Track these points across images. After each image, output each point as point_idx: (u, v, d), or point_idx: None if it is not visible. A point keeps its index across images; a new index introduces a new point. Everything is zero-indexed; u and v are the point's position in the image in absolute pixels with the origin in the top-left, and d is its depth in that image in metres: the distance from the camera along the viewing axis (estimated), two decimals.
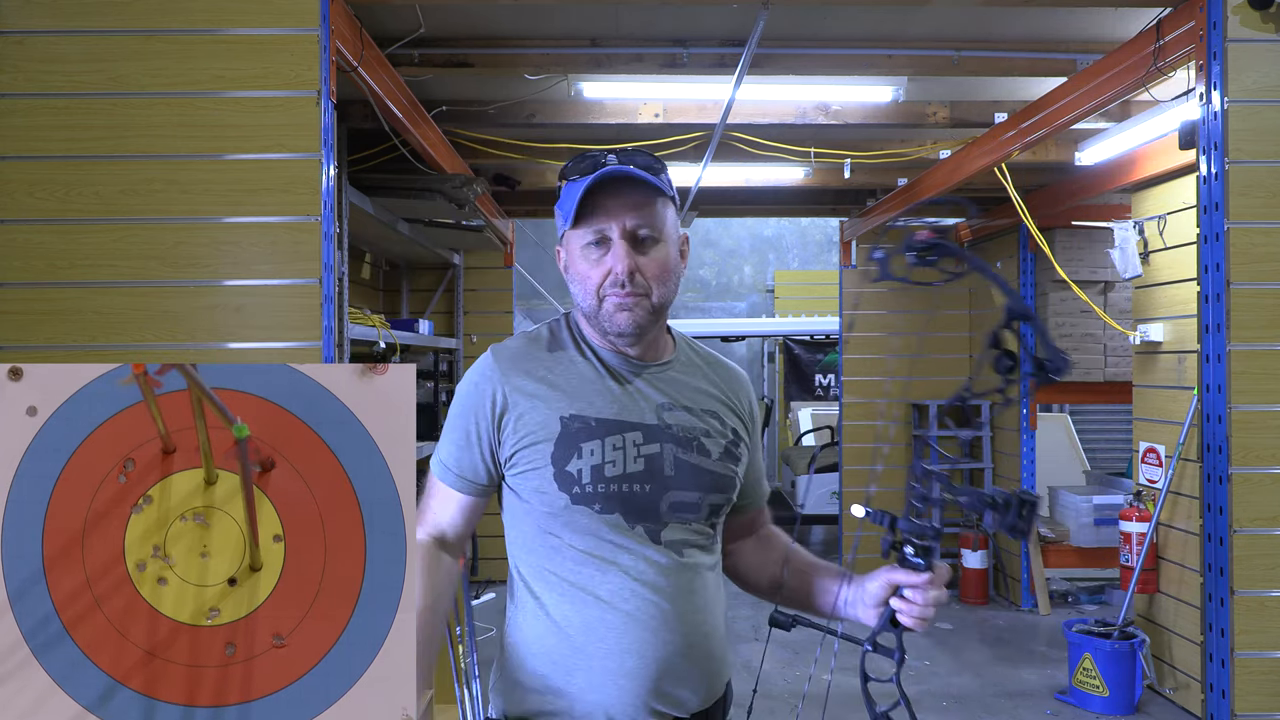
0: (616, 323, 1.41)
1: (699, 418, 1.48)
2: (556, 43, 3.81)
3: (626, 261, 1.39)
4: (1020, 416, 6.29)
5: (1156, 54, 3.06)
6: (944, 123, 4.58)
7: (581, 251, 1.42)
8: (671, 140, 4.76)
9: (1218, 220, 2.84)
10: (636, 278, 1.40)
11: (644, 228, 1.41)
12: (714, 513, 1.48)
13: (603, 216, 1.40)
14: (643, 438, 1.42)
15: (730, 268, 11.78)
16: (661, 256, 1.42)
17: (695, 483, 1.44)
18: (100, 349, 2.65)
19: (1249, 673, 2.82)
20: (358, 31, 3.05)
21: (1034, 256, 6.18)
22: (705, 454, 1.46)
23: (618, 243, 1.39)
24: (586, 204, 1.39)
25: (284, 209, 2.69)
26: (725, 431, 1.50)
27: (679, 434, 1.45)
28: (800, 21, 3.65)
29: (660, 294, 1.42)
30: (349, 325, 3.90)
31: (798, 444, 9.36)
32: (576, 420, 1.41)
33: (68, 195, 2.67)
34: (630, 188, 1.40)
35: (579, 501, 1.38)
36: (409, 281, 6.69)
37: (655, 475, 1.41)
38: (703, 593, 1.43)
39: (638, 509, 1.40)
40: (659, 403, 1.46)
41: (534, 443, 1.41)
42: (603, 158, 1.42)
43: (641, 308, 1.41)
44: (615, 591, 1.37)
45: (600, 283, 1.41)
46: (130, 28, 2.70)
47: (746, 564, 1.63)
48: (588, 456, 1.39)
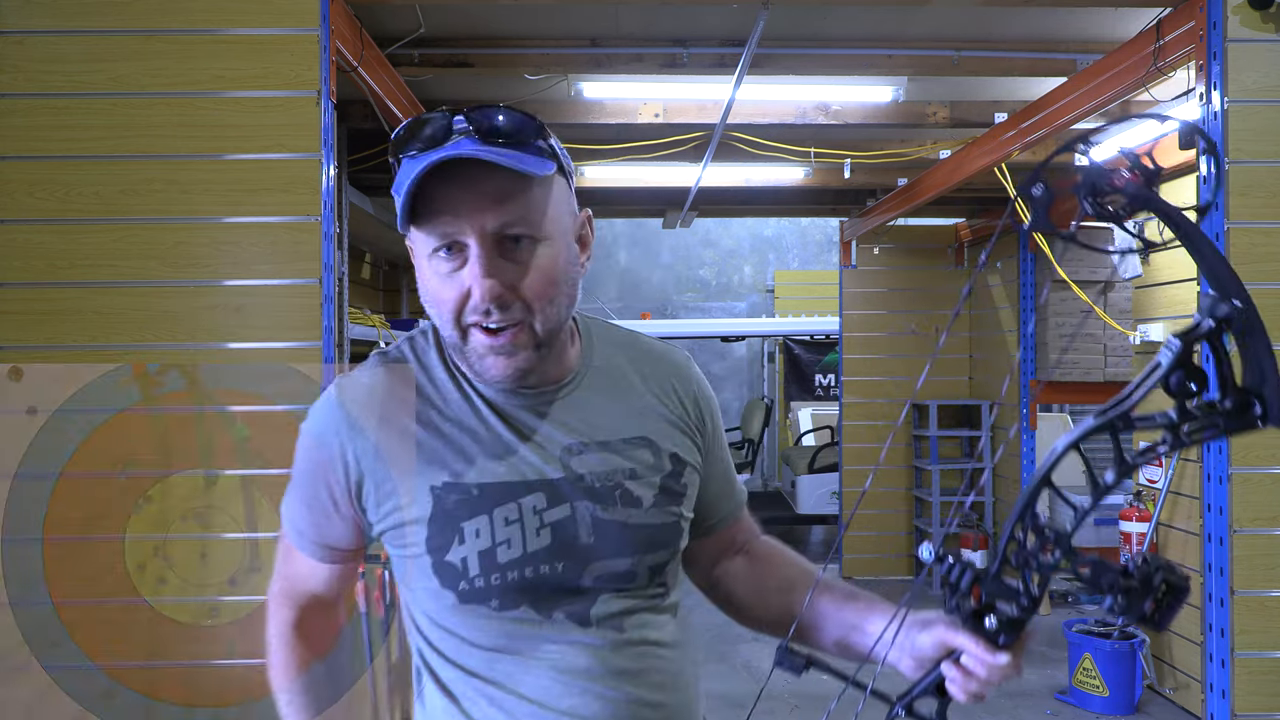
0: (489, 369, 1.03)
1: (620, 454, 1.10)
2: (556, 43, 3.81)
3: (487, 282, 0.98)
4: (1020, 416, 6.29)
5: (1156, 54, 3.06)
6: (944, 123, 4.58)
7: (429, 261, 1.02)
8: (671, 140, 4.76)
9: (1217, 220, 2.84)
10: (508, 299, 1.00)
11: (515, 225, 1.00)
12: (657, 573, 1.12)
13: (450, 214, 0.99)
14: (545, 500, 1.06)
15: (730, 268, 11.78)
16: (545, 263, 1.02)
17: (624, 545, 1.08)
18: (100, 349, 2.65)
19: (1249, 673, 2.82)
20: (358, 31, 3.05)
21: (1034, 256, 6.18)
22: (634, 503, 1.09)
23: (475, 251, 0.99)
24: (424, 197, 0.99)
25: (284, 209, 2.68)
26: (661, 462, 1.12)
27: (594, 485, 1.08)
28: (800, 21, 3.65)
29: (545, 318, 1.02)
30: (349, 325, 3.90)
31: (798, 444, 9.36)
32: (452, 491, 1.05)
33: (68, 195, 2.67)
34: (489, 171, 0.98)
35: (468, 600, 1.04)
36: (409, 281, 6.68)
37: (569, 548, 1.06)
38: (660, 666, 1.10)
39: (549, 596, 1.06)
40: (564, 445, 1.08)
41: (400, 524, 1.06)
42: (448, 124, 1.00)
43: (520, 344, 1.02)
44: (545, 689, 1.05)
45: (458, 308, 1.01)
46: (130, 28, 2.70)
47: (742, 591, 1.27)
48: (472, 540, 1.03)
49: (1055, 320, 5.99)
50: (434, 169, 0.97)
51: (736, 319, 11.09)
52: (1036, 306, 6.16)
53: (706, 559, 1.28)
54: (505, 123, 1.00)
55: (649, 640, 1.10)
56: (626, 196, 6.52)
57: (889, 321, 7.10)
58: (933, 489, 6.72)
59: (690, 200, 6.30)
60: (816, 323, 9.30)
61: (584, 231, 1.11)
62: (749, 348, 11.64)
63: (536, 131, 1.02)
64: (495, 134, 0.99)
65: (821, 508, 7.98)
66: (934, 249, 7.18)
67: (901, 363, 7.07)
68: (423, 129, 1.00)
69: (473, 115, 1.00)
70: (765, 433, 9.65)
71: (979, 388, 7.00)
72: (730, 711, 4.26)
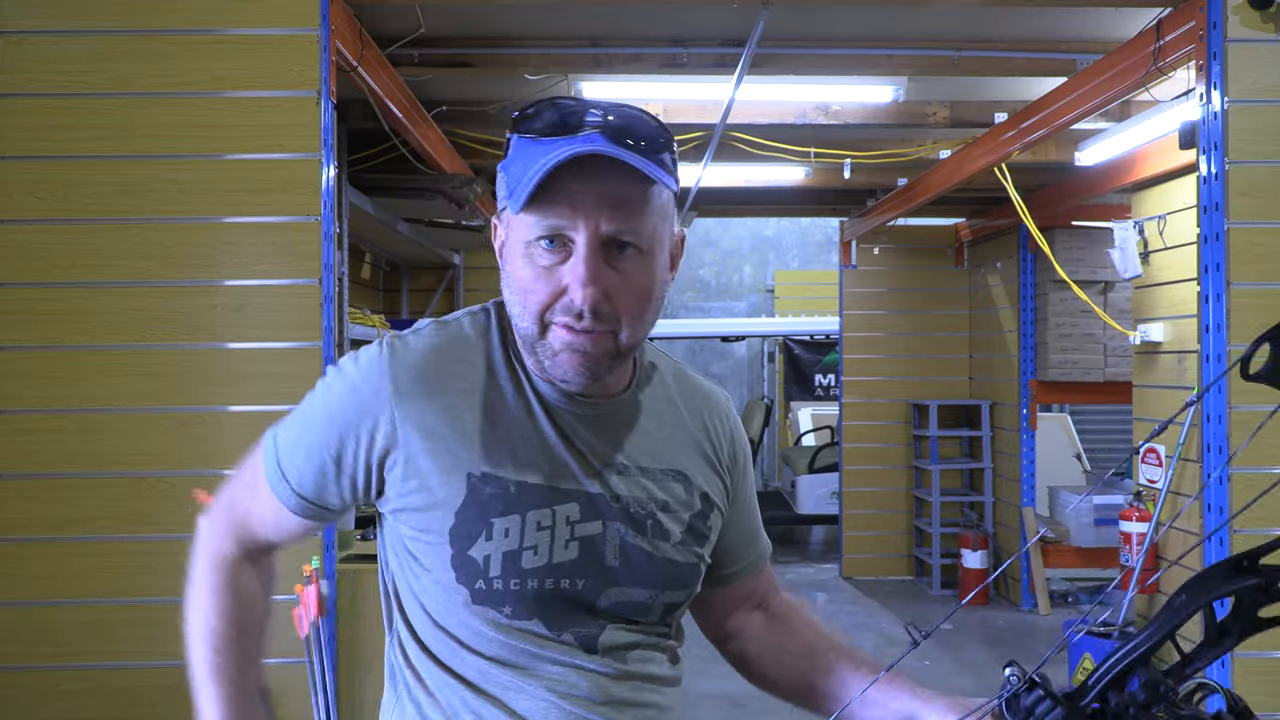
0: (561, 366, 0.99)
1: (657, 483, 1.07)
2: (556, 43, 3.81)
3: (591, 288, 0.95)
4: (1020, 416, 6.29)
5: (1156, 54, 3.06)
6: (944, 123, 4.58)
7: (526, 249, 0.98)
8: None
9: (1218, 220, 2.84)
10: (603, 308, 0.97)
11: (626, 233, 0.97)
12: (669, 613, 1.09)
13: (566, 207, 0.95)
14: (580, 512, 1.02)
15: (730, 268, 11.79)
16: (644, 279, 0.99)
17: (648, 577, 1.05)
18: (100, 349, 2.65)
19: (1249, 673, 2.82)
20: (358, 31, 3.05)
21: (1034, 256, 6.18)
22: (663, 535, 1.06)
23: (583, 251, 0.96)
24: (547, 184, 0.94)
25: (284, 209, 2.68)
26: (691, 500, 1.10)
27: (629, 508, 1.04)
28: (800, 21, 3.65)
29: (631, 332, 1.00)
30: (349, 325, 3.90)
31: (798, 444, 9.36)
32: (489, 483, 1.00)
33: (68, 195, 2.67)
34: (616, 172, 0.95)
35: (481, 601, 1.00)
36: (409, 281, 6.70)
37: (593, 566, 1.02)
38: (656, 701, 1.07)
39: (564, 612, 1.02)
40: (606, 461, 1.05)
41: (425, 506, 1.01)
42: (584, 118, 0.97)
43: (602, 350, 0.99)
44: (540, 711, 1.00)
45: (547, 302, 0.97)
46: (130, 28, 2.70)
47: (757, 651, 1.21)
48: (500, 539, 0.99)
49: (1055, 320, 5.99)
50: (563, 163, 0.93)
51: (736, 319, 11.10)
52: (1036, 307, 6.17)
53: (720, 610, 1.22)
54: (640, 128, 0.97)
55: (650, 675, 1.07)
56: None
57: (889, 321, 7.11)
58: (933, 489, 6.72)
59: (690, 200, 6.30)
60: (816, 323, 9.31)
61: (676, 249, 1.07)
62: (749, 348, 11.64)
63: (666, 144, 0.99)
64: (628, 135, 0.96)
65: (821, 508, 7.99)
66: (934, 249, 7.18)
67: (901, 363, 7.08)
68: (554, 113, 0.97)
69: (610, 113, 0.97)
70: (765, 433, 9.65)
71: (979, 388, 7.00)
72: (730, 711, 4.26)
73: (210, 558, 1.12)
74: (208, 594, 1.11)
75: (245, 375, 2.66)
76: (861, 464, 7.14)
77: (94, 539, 2.63)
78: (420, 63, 3.74)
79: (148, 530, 2.62)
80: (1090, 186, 5.15)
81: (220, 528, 1.12)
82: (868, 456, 7.14)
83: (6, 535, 2.63)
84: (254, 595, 1.13)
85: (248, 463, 1.11)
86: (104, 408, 2.64)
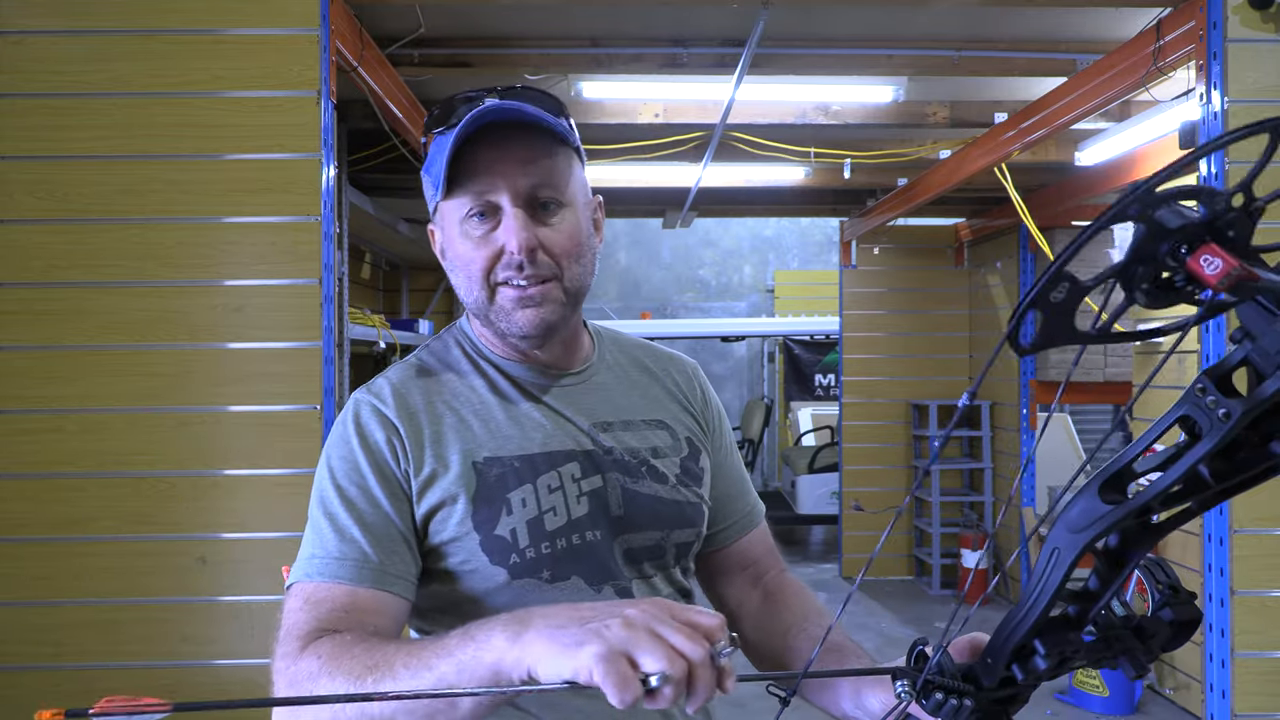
0: (517, 323, 1.06)
1: (643, 433, 1.15)
2: (556, 43, 3.81)
3: (523, 234, 1.03)
4: (1020, 416, 6.29)
5: (1156, 54, 3.06)
6: (944, 123, 4.58)
7: (461, 227, 1.06)
8: (671, 140, 4.76)
9: None
10: (539, 256, 1.05)
11: (545, 188, 1.05)
12: (682, 555, 1.14)
13: (485, 178, 1.04)
14: (580, 469, 1.09)
15: (730, 268, 11.79)
16: (570, 225, 1.07)
17: (653, 519, 1.11)
18: (100, 349, 2.65)
19: (1249, 673, 2.82)
20: (358, 31, 3.05)
21: (1034, 256, 6.18)
22: (660, 479, 1.13)
23: (510, 211, 1.04)
24: (461, 163, 1.03)
25: (284, 209, 2.68)
26: (679, 444, 1.17)
27: (623, 458, 1.12)
28: (800, 21, 3.65)
29: (573, 275, 1.08)
30: (349, 325, 3.90)
31: (798, 444, 9.36)
32: (494, 465, 1.06)
33: (68, 195, 2.67)
34: (521, 136, 1.05)
35: (521, 574, 1.03)
36: (409, 281, 6.70)
37: (604, 518, 1.08)
38: None
39: (598, 564, 1.07)
40: (591, 421, 1.13)
41: (443, 502, 1.05)
42: (477, 98, 1.06)
43: (550, 299, 1.06)
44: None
45: (488, 266, 1.05)
46: (130, 28, 2.70)
47: (755, 640, 1.19)
48: (519, 510, 1.04)
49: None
50: (466, 139, 1.02)
51: (736, 319, 11.10)
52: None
53: (723, 580, 1.24)
54: (533, 96, 1.08)
55: None
56: (626, 196, 6.52)
57: (889, 321, 7.11)
58: (933, 489, 6.72)
59: (690, 200, 6.30)
60: (816, 323, 9.30)
61: (597, 215, 1.16)
62: (749, 348, 11.64)
63: (561, 110, 1.09)
64: (523, 100, 1.06)
65: (821, 508, 7.99)
66: (934, 249, 7.18)
67: (901, 363, 7.08)
68: (453, 103, 1.07)
69: (503, 90, 1.07)
70: (765, 433, 9.65)
71: (979, 387, 7.00)
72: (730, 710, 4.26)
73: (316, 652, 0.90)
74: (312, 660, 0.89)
75: (245, 375, 2.66)
76: (861, 464, 7.14)
77: (94, 539, 2.63)
78: (420, 63, 3.74)
79: (148, 530, 2.62)
80: (1090, 186, 5.14)
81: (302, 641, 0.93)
82: (868, 456, 7.14)
83: (6, 535, 2.62)
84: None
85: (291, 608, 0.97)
86: (104, 408, 2.64)
